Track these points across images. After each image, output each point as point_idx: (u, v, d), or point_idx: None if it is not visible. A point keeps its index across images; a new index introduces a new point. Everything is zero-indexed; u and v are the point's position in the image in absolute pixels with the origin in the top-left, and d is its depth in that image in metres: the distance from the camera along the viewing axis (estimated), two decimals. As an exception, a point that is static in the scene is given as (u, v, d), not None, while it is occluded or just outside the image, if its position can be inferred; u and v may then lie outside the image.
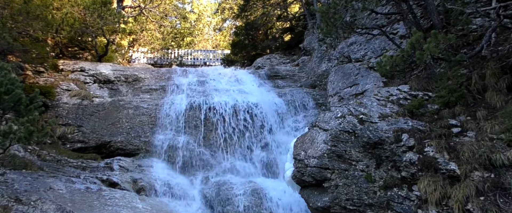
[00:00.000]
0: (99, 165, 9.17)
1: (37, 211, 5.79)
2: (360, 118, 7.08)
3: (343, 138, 6.99)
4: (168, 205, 8.27)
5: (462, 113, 6.66)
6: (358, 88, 9.66)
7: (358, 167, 6.82)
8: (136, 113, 11.08)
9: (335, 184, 6.85)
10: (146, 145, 10.35)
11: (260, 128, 10.93)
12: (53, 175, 7.68)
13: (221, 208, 8.59)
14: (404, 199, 6.29)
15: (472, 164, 5.58)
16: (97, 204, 7.20)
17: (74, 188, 7.47)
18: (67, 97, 11.24)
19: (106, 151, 10.26)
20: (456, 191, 5.56)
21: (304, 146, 7.47)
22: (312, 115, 11.15)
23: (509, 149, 5.42)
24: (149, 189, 8.70)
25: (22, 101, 5.97)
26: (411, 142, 6.47)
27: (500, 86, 6.64)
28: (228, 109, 11.17)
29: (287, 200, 8.60)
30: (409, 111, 7.15)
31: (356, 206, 6.69)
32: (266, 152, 10.43)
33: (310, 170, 7.05)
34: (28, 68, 11.46)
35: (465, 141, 6.03)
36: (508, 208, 5.03)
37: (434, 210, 5.82)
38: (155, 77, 13.43)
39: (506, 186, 5.20)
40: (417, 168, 6.24)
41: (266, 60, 17.02)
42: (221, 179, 9.46)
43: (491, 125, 5.98)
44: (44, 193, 6.47)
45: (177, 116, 11.05)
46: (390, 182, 6.51)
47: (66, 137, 10.22)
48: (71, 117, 10.72)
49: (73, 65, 13.10)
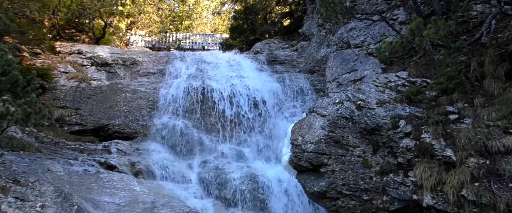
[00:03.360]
0: (97, 148, 9.19)
1: (35, 192, 5.81)
2: (358, 104, 7.09)
3: (341, 124, 7.01)
4: (166, 188, 8.32)
5: (459, 100, 6.68)
6: (357, 74, 9.65)
7: (355, 152, 6.87)
8: (134, 96, 11.05)
9: (331, 169, 6.91)
10: (144, 128, 10.36)
11: (258, 113, 10.93)
12: (51, 157, 7.70)
13: (218, 192, 8.66)
14: (400, 184, 6.36)
15: (468, 150, 5.62)
16: (95, 187, 7.24)
17: (72, 170, 7.49)
18: (65, 80, 11.19)
19: (104, 134, 10.27)
20: (451, 177, 5.62)
21: (302, 131, 7.50)
22: (310, 101, 11.16)
23: (505, 136, 5.45)
24: (147, 172, 8.73)
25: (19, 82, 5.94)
26: (408, 128, 6.50)
27: (499, 74, 6.65)
28: (226, 94, 11.15)
29: (283, 184, 8.66)
30: (407, 97, 7.16)
31: (352, 191, 6.76)
32: (263, 137, 10.47)
33: (307, 155, 7.09)
34: (25, 49, 11.37)
35: (462, 128, 6.06)
36: (502, 193, 5.09)
37: (429, 196, 5.89)
38: (153, 60, 13.36)
39: (501, 172, 5.25)
40: (413, 154, 6.28)
41: (265, 45, 16.92)
42: (219, 163, 9.50)
43: (488, 112, 6.00)
44: (42, 175, 6.48)
45: (175, 100, 11.03)
46: (386, 168, 6.56)
47: (63, 119, 10.22)
48: (69, 99, 10.70)
49: (70, 47, 13.00)
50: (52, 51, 12.50)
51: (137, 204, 6.85)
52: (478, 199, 5.28)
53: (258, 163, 9.80)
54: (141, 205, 6.83)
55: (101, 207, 6.33)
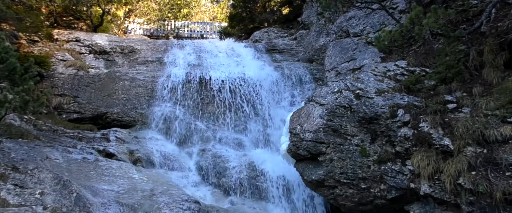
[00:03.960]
0: (95, 136, 9.20)
1: (34, 180, 5.83)
2: (356, 93, 7.09)
3: (339, 113, 7.01)
4: (165, 176, 8.35)
5: (458, 89, 6.68)
6: (356, 63, 9.63)
7: (353, 141, 6.88)
8: (132, 85, 11.03)
9: (330, 158, 6.93)
10: (142, 117, 10.37)
11: (256, 101, 10.93)
12: (50, 144, 7.70)
13: (216, 180, 8.70)
14: (397, 173, 6.39)
15: (465, 139, 5.64)
16: (94, 174, 7.26)
17: (71, 158, 7.51)
18: (63, 67, 11.15)
19: (102, 122, 10.27)
20: (449, 166, 5.64)
21: (300, 120, 7.51)
22: (309, 90, 11.15)
23: (503, 125, 5.47)
24: (146, 160, 8.76)
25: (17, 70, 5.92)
26: (407, 117, 6.51)
27: (498, 63, 6.64)
28: (225, 82, 11.14)
29: (282, 173, 8.70)
30: (406, 86, 7.16)
31: (349, 180, 6.79)
32: (262, 126, 10.48)
33: (305, 144, 7.11)
34: (22, 37, 11.30)
35: (460, 117, 6.07)
36: (499, 182, 5.12)
37: (426, 184, 5.93)
38: (151, 49, 13.31)
39: (498, 161, 5.28)
40: (411, 143, 6.30)
41: (263, 33, 16.84)
42: (217, 151, 9.53)
43: (487, 102, 6.01)
44: (41, 162, 6.50)
45: (174, 89, 11.02)
46: (384, 157, 6.59)
47: (62, 107, 10.21)
48: (67, 87, 10.67)
49: (68, 35, 12.93)
50: (50, 38, 12.43)
51: (136, 192, 6.88)
52: (474, 188, 5.31)
53: (257, 151, 9.83)
54: (140, 193, 6.87)
55: (100, 194, 6.36)
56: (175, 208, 6.41)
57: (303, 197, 8.34)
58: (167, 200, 6.62)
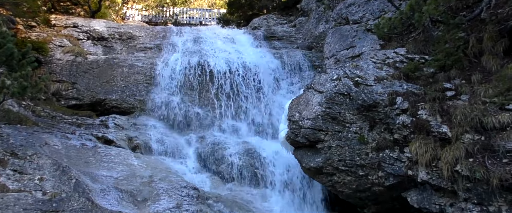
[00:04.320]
0: (94, 122, 9.19)
1: (33, 166, 5.85)
2: (355, 80, 7.08)
3: (338, 101, 7.01)
4: (163, 163, 8.37)
5: (457, 76, 6.68)
6: (355, 50, 9.60)
7: (352, 129, 6.90)
8: (131, 71, 10.99)
9: (328, 146, 6.95)
10: (141, 103, 10.35)
11: (255, 89, 10.92)
12: (48, 131, 7.70)
13: (215, 167, 8.73)
14: (395, 160, 6.42)
15: (463, 127, 5.66)
16: (93, 161, 7.28)
17: (70, 144, 7.52)
18: (60, 53, 11.08)
19: (101, 109, 10.25)
20: (446, 153, 5.67)
21: (299, 107, 7.51)
22: (308, 77, 11.13)
23: (501, 112, 5.49)
24: (145, 147, 8.78)
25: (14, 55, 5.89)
26: (405, 105, 6.52)
27: (497, 50, 6.63)
28: (224, 70, 11.10)
29: (280, 160, 8.73)
30: (405, 74, 7.15)
31: (348, 167, 6.82)
32: (260, 113, 10.49)
33: (304, 131, 7.12)
34: (19, 22, 11.21)
35: (458, 104, 6.08)
36: (496, 169, 5.16)
37: (423, 171, 5.96)
38: (150, 35, 13.22)
39: (495, 148, 5.31)
40: (409, 130, 6.32)
41: (263, 20, 16.72)
42: (216, 138, 9.54)
43: (485, 89, 6.02)
44: (39, 148, 6.51)
45: (172, 76, 10.99)
46: (383, 144, 6.61)
47: (60, 93, 10.18)
48: (65, 73, 10.63)
49: (65, 20, 12.82)
50: (47, 24, 12.32)
51: (134, 178, 6.91)
52: (471, 174, 5.35)
53: (255, 138, 9.85)
54: (139, 179, 6.90)
55: (99, 180, 6.39)
56: (174, 195, 6.46)
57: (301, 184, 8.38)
58: (166, 187, 6.66)
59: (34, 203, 5.29)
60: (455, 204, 5.70)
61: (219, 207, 6.90)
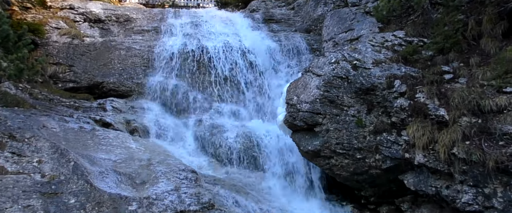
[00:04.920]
0: (92, 106, 9.16)
1: (32, 148, 5.84)
2: (353, 64, 7.06)
3: (336, 84, 7.00)
4: (162, 146, 8.38)
5: (455, 59, 6.66)
6: (353, 33, 9.54)
7: (350, 112, 6.90)
8: (128, 54, 10.92)
9: (326, 129, 6.96)
10: (138, 86, 10.31)
11: (253, 72, 10.88)
12: (46, 113, 7.67)
13: (213, 150, 8.76)
14: (393, 143, 6.45)
15: (461, 110, 5.68)
16: (91, 143, 7.27)
17: (68, 127, 7.50)
18: (57, 36, 10.98)
19: (98, 92, 10.22)
20: (443, 136, 5.70)
21: (297, 91, 7.50)
22: (306, 60, 11.08)
23: (499, 95, 5.50)
24: (143, 130, 8.78)
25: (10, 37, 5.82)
26: (403, 88, 6.51)
27: (496, 32, 6.60)
28: (222, 53, 11.04)
29: (278, 143, 8.75)
30: (403, 57, 7.13)
31: (345, 150, 6.85)
32: (258, 96, 10.48)
33: (302, 114, 7.12)
34: (15, 3, 11.05)
35: (456, 87, 6.08)
36: (492, 151, 5.19)
37: (420, 154, 5.99)
38: (147, 17, 13.09)
39: (492, 131, 5.34)
40: (407, 113, 6.33)
41: (261, 2, 16.53)
42: (214, 122, 9.55)
43: (483, 72, 6.02)
44: (37, 131, 6.48)
45: (170, 59, 10.92)
46: (380, 127, 6.63)
47: (57, 76, 10.13)
48: (62, 56, 10.55)
49: (61, 2, 12.66)
50: (43, 5, 12.16)
51: (133, 161, 6.92)
52: (468, 157, 5.39)
53: (253, 122, 9.86)
54: (137, 162, 6.90)
55: (97, 163, 6.39)
56: (172, 178, 6.46)
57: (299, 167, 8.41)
58: (164, 170, 6.66)
59: (33, 185, 5.30)
60: (451, 186, 5.76)
61: (217, 190, 6.94)
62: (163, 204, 5.77)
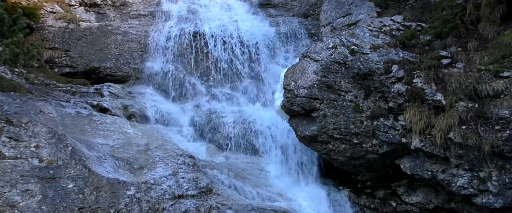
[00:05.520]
0: (89, 91, 9.12)
1: (29, 133, 5.84)
2: (351, 49, 7.04)
3: (334, 69, 6.99)
4: (159, 132, 8.39)
5: (453, 44, 6.65)
6: (351, 18, 9.49)
7: (347, 97, 6.91)
8: (125, 39, 10.83)
9: (323, 114, 6.98)
10: (135, 72, 10.26)
11: (250, 57, 10.83)
12: (43, 98, 7.64)
13: (211, 135, 8.78)
14: (390, 128, 6.47)
15: (458, 94, 5.70)
16: (89, 129, 7.27)
17: (65, 112, 7.48)
18: (52, 20, 10.85)
19: (95, 77, 10.16)
20: (440, 120, 5.73)
21: (295, 76, 7.49)
22: (304, 45, 11.04)
23: (495, 80, 5.51)
24: (140, 115, 8.77)
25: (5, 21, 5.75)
26: (401, 73, 6.51)
27: (494, 17, 6.58)
28: (219, 38, 10.97)
29: (275, 129, 8.77)
30: (401, 42, 7.11)
31: (342, 135, 6.88)
32: (256, 82, 10.46)
33: (299, 100, 7.13)
34: (8, -15, 10.90)
35: (454, 72, 6.09)
36: (488, 135, 5.23)
37: (417, 139, 6.03)
38: (143, 2, 12.93)
39: (488, 115, 5.37)
40: (404, 98, 6.35)
41: (258, -13, 16.37)
42: (211, 107, 9.54)
43: (481, 56, 6.02)
44: (34, 116, 6.47)
45: (167, 44, 10.85)
46: (377, 112, 6.65)
47: (53, 61, 10.04)
48: (58, 41, 10.44)
49: (56, -15, 12.49)
50: (38, -12, 11.98)
51: (130, 147, 6.93)
52: (464, 141, 5.43)
53: (251, 107, 9.86)
54: (135, 148, 6.91)
55: (95, 148, 6.40)
56: (170, 163, 6.49)
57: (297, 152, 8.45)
58: (162, 155, 6.68)
59: (31, 170, 5.31)
60: (446, 170, 5.81)
61: (215, 175, 6.98)
62: (161, 189, 5.81)
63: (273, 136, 8.72)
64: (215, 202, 5.81)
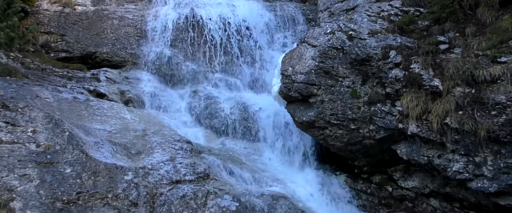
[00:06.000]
0: (85, 76, 9.07)
1: (26, 118, 5.83)
2: (349, 34, 7.02)
3: (331, 55, 6.97)
4: (156, 117, 8.39)
5: (451, 29, 6.63)
6: (350, 3, 9.40)
7: (344, 83, 6.91)
8: (121, 24, 10.73)
9: (321, 100, 6.98)
10: (132, 57, 10.19)
11: (248, 43, 10.77)
12: (39, 83, 7.60)
13: (208, 121, 8.78)
14: (387, 114, 6.49)
15: (455, 80, 5.70)
16: (86, 114, 7.27)
17: (61, 97, 7.46)
18: (47, 4, 10.71)
19: (91, 62, 10.08)
20: (437, 106, 5.75)
21: (292, 62, 7.47)
22: (302, 31, 10.97)
23: (493, 65, 5.51)
24: (137, 101, 8.75)
25: (0, 5, 5.69)
26: (398, 59, 6.50)
27: (493, 1, 6.54)
28: (216, 23, 10.88)
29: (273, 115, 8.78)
30: (399, 27, 7.08)
31: (339, 121, 6.90)
32: (253, 67, 10.42)
33: (297, 85, 7.12)
34: (2, -31, 10.72)
35: (451, 57, 6.08)
36: (484, 121, 5.26)
37: (414, 124, 6.05)
38: (140, -14, 12.78)
39: (485, 100, 5.38)
40: (402, 84, 6.35)
41: (256, -28, 16.19)
42: (209, 93, 9.52)
43: (479, 42, 6.00)
44: (31, 101, 6.45)
45: (164, 29, 10.75)
46: (375, 98, 6.66)
47: (49, 45, 9.94)
48: (53, 25, 10.33)
49: (51, -32, 12.30)
50: (32, -29, 11.80)
51: (128, 132, 6.94)
52: (460, 127, 5.46)
53: (248, 93, 9.85)
54: (132, 133, 6.93)
55: (92, 134, 6.41)
56: (167, 148, 6.51)
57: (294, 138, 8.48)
58: (159, 140, 6.70)
59: (28, 154, 5.33)
60: (442, 155, 5.85)
61: (212, 160, 7.00)
62: (158, 174, 5.84)
63: (270, 122, 8.73)
64: (212, 187, 5.85)
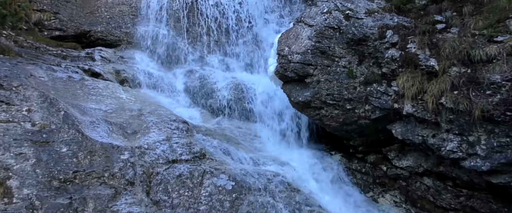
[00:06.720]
0: (80, 55, 8.98)
1: (20, 97, 5.79)
2: (346, 14, 6.96)
3: (328, 34, 6.93)
4: (152, 97, 8.37)
5: (448, 8, 6.58)
6: (347, -18, 9.30)
7: (341, 63, 6.90)
8: (115, 2, 10.56)
9: (317, 80, 6.98)
10: (127, 36, 10.09)
11: (244, 22, 10.67)
12: (33, 62, 7.52)
13: (204, 101, 8.78)
14: (382, 94, 6.50)
15: (451, 60, 5.69)
16: (81, 93, 7.22)
17: (56, 76, 7.39)
18: (39, -20, 10.52)
19: (86, 41, 9.97)
20: (433, 86, 5.76)
21: (288, 42, 7.42)
22: (298, 10, 10.88)
23: (489, 45, 5.50)
24: (133, 80, 8.70)
25: (-10, -19, 5.57)
26: (395, 38, 6.48)
27: (490, -20, 6.49)
28: (212, 2, 10.75)
29: (268, 95, 8.79)
30: (396, 7, 7.04)
31: (336, 101, 6.91)
32: (249, 47, 10.36)
33: (293, 65, 7.10)
34: None
35: (448, 37, 6.06)
36: (479, 100, 5.29)
37: (409, 104, 6.08)
38: (134, -36, 12.54)
39: (480, 80, 5.39)
40: (398, 64, 6.34)
41: (252, -50, 15.92)
42: (205, 73, 9.49)
43: (475, 21, 5.97)
44: (25, 80, 6.39)
45: (159, 8, 10.60)
46: (371, 78, 6.66)
47: (42, 24, 9.79)
48: (46, 2, 10.12)
49: None
50: None
51: (123, 111, 6.92)
52: (455, 106, 5.49)
53: (244, 73, 9.83)
54: (128, 113, 6.91)
55: (88, 113, 6.38)
56: (163, 128, 6.51)
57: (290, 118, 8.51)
58: (155, 120, 6.69)
59: (24, 133, 5.30)
60: (437, 135, 5.90)
61: (208, 140, 7.03)
62: (155, 154, 5.86)
63: (266, 102, 8.75)
64: (208, 167, 5.89)
